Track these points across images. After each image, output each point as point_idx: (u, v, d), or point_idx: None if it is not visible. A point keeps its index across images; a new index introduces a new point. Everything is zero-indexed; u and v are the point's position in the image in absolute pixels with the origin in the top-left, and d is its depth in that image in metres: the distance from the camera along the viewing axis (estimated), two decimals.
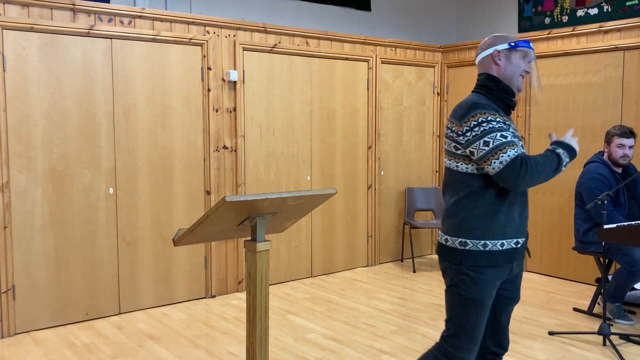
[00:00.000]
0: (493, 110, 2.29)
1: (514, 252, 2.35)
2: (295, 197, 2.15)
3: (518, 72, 2.40)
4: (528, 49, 2.40)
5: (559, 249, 5.66)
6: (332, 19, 6.10)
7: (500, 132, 2.23)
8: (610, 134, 4.39)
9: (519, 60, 2.40)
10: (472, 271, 2.30)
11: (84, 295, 4.47)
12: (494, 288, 2.33)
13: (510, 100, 2.40)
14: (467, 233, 2.31)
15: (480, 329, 2.34)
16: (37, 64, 4.18)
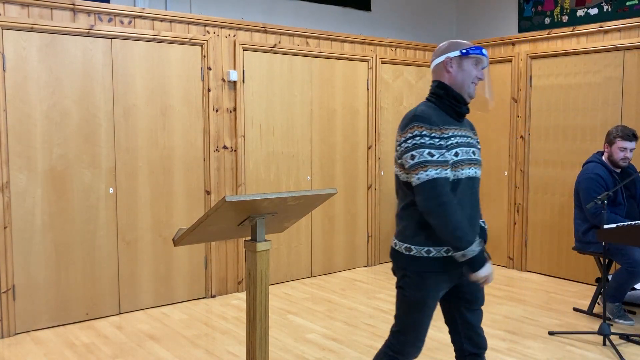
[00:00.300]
0: (434, 124, 2.30)
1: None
2: (295, 197, 2.15)
3: (470, 80, 2.40)
4: (480, 55, 2.39)
5: (559, 249, 5.66)
6: (332, 19, 6.10)
7: (429, 149, 2.26)
8: (613, 136, 4.36)
9: (470, 67, 2.39)
10: (417, 275, 2.36)
11: (84, 295, 4.47)
12: (438, 291, 2.38)
13: (460, 108, 2.41)
14: (411, 239, 2.37)
15: (424, 327, 2.43)
16: (37, 64, 4.18)
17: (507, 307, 4.80)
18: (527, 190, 5.90)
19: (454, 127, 2.38)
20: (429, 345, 3.95)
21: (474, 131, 2.55)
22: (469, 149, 2.38)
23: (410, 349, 2.45)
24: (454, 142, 2.32)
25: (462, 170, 2.33)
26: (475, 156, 2.42)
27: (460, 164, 2.33)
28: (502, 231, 6.13)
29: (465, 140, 2.38)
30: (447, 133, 2.32)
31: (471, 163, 2.38)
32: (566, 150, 5.57)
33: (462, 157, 2.33)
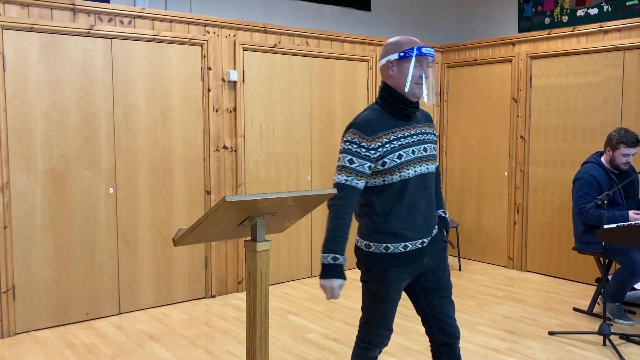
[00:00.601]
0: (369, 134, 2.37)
1: (420, 251, 2.48)
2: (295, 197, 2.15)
3: (412, 81, 2.41)
4: (419, 56, 2.40)
5: (559, 249, 5.66)
6: (332, 19, 6.10)
7: (353, 156, 2.37)
8: (616, 141, 4.30)
9: (409, 68, 2.40)
10: (378, 270, 2.46)
11: (84, 295, 4.47)
12: (399, 283, 2.47)
13: (405, 110, 2.44)
14: (369, 237, 2.47)
15: (389, 317, 2.52)
16: (37, 64, 4.18)
17: (507, 307, 4.80)
18: (527, 190, 5.90)
19: (400, 128, 2.44)
20: (429, 345, 3.95)
21: (429, 123, 2.60)
22: (418, 146, 2.46)
23: (378, 338, 2.56)
24: (397, 145, 2.40)
25: (407, 170, 2.41)
26: (428, 152, 2.49)
27: (405, 164, 2.41)
28: (502, 231, 6.13)
29: (412, 139, 2.45)
30: (381, 141, 2.38)
31: (421, 160, 2.46)
32: (566, 150, 5.57)
33: (408, 158, 2.41)
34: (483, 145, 6.28)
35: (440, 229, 2.62)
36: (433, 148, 2.53)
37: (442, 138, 6.67)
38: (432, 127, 2.59)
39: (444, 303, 2.55)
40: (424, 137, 2.50)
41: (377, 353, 2.61)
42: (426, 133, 2.52)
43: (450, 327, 2.55)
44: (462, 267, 6.14)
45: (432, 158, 2.52)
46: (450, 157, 6.62)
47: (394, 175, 2.40)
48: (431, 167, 2.50)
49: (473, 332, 4.21)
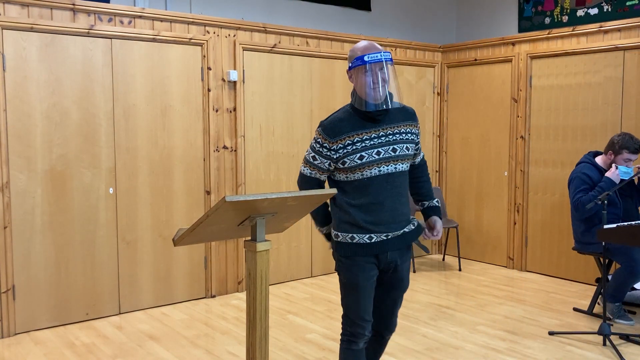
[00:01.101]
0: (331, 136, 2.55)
1: (385, 244, 2.60)
2: (295, 197, 2.15)
3: (366, 88, 2.51)
4: (363, 65, 2.50)
5: (559, 249, 5.66)
6: (332, 19, 6.10)
7: (314, 153, 2.61)
8: (619, 146, 4.29)
9: (363, 76, 2.52)
10: (346, 259, 2.62)
11: (84, 295, 4.47)
12: (367, 272, 2.60)
13: (369, 113, 2.56)
14: (337, 227, 2.64)
15: (363, 307, 2.61)
16: (37, 64, 4.18)
17: (507, 307, 4.80)
18: (527, 190, 5.90)
19: (367, 130, 2.56)
20: (429, 345, 3.95)
21: (409, 121, 2.67)
22: (386, 147, 2.57)
23: (356, 329, 2.63)
24: (359, 147, 2.54)
25: (370, 170, 2.54)
26: (397, 153, 2.59)
27: (367, 165, 2.54)
28: (502, 231, 6.13)
29: (380, 141, 2.56)
30: (343, 142, 2.54)
31: (388, 160, 2.57)
32: (566, 150, 5.57)
33: (370, 159, 2.54)
34: (483, 145, 6.28)
35: (417, 230, 2.73)
36: (405, 148, 2.62)
37: (442, 138, 6.67)
38: (411, 124, 2.67)
39: (394, 301, 2.74)
40: (395, 138, 2.60)
41: (362, 345, 2.68)
42: (399, 133, 2.61)
43: (389, 320, 2.77)
44: (462, 267, 6.14)
45: (403, 158, 2.61)
46: (450, 157, 6.62)
47: (356, 174, 2.55)
48: (401, 167, 2.62)
49: (473, 332, 4.21)
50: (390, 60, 2.53)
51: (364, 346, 2.69)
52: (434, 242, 6.79)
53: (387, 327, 2.79)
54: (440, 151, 6.69)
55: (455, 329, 4.27)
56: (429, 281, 5.61)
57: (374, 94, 2.51)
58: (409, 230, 2.68)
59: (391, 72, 2.56)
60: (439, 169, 6.71)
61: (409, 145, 2.64)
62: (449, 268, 6.13)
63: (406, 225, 2.66)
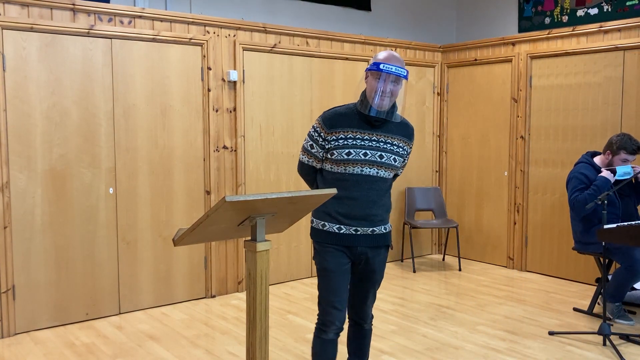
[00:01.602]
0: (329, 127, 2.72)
1: (354, 237, 2.73)
2: (295, 197, 2.15)
3: (375, 92, 2.66)
4: (377, 71, 2.65)
5: (559, 249, 5.66)
6: (332, 19, 6.10)
7: (312, 142, 2.78)
8: (617, 147, 4.29)
9: (374, 81, 2.67)
10: (318, 244, 2.79)
11: (84, 295, 4.47)
12: (337, 259, 2.74)
13: (367, 117, 2.70)
14: (314, 213, 2.81)
15: (332, 295, 2.73)
16: (37, 64, 4.18)
17: (507, 307, 4.80)
18: (527, 190, 5.90)
19: (362, 131, 2.71)
20: (429, 345, 3.95)
21: (405, 138, 2.80)
22: (374, 151, 2.70)
23: (326, 316, 2.75)
24: (349, 143, 2.69)
25: (353, 167, 2.69)
26: (383, 160, 2.71)
27: (351, 162, 2.69)
28: (502, 231, 6.13)
29: (370, 144, 2.71)
30: (337, 135, 2.70)
31: (372, 164, 2.70)
32: (566, 150, 5.57)
33: (356, 158, 2.69)
34: (483, 145, 6.28)
35: (390, 235, 2.85)
36: (392, 159, 2.74)
37: (442, 138, 6.67)
38: (405, 142, 2.81)
39: (365, 293, 2.86)
40: (386, 146, 2.73)
41: (332, 336, 2.77)
42: (392, 144, 2.75)
43: (364, 312, 2.90)
44: (462, 267, 6.14)
45: (387, 166, 2.74)
46: (450, 157, 6.62)
47: (340, 167, 2.71)
48: (383, 174, 2.73)
49: (473, 332, 4.21)
50: (404, 77, 2.67)
51: (334, 337, 2.78)
52: (434, 242, 6.79)
53: (361, 317, 2.92)
54: (440, 151, 6.69)
55: (455, 329, 4.27)
56: (429, 281, 5.61)
57: (379, 101, 2.65)
58: (380, 232, 2.78)
59: (402, 88, 2.71)
60: (439, 169, 6.71)
61: (397, 157, 2.77)
62: (449, 268, 6.13)
63: (377, 225, 2.77)
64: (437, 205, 6.41)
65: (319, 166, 2.82)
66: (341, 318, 2.75)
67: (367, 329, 2.97)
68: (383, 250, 2.85)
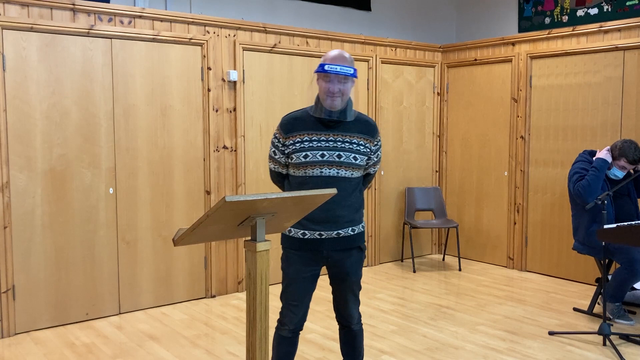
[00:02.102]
0: (285, 132, 2.75)
1: (318, 241, 2.75)
2: (295, 197, 2.15)
3: (324, 94, 2.69)
4: (322, 72, 2.66)
5: (559, 249, 5.66)
6: (332, 19, 6.10)
7: (274, 148, 2.82)
8: (619, 153, 4.26)
9: (323, 83, 2.69)
10: (283, 250, 2.84)
11: (84, 295, 4.47)
12: (301, 266, 2.77)
13: (321, 118, 2.72)
14: None
15: (291, 297, 2.79)
16: (37, 64, 4.18)
17: (507, 307, 4.80)
18: (527, 190, 5.90)
19: (318, 132, 2.72)
20: (429, 345, 3.95)
21: (366, 135, 2.78)
22: (331, 152, 2.70)
23: (283, 317, 2.83)
24: (306, 146, 2.71)
25: (313, 169, 2.71)
26: (342, 159, 2.71)
27: (310, 164, 2.71)
28: (502, 231, 6.13)
29: (327, 144, 2.71)
30: (294, 139, 2.73)
31: (331, 164, 2.71)
32: (566, 150, 5.57)
33: (313, 160, 2.70)
34: (483, 145, 6.28)
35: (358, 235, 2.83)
36: (352, 157, 2.73)
37: (442, 138, 6.67)
38: (367, 139, 2.79)
39: (347, 294, 2.86)
40: (344, 146, 2.72)
41: (287, 334, 2.83)
42: (350, 142, 2.74)
43: (347, 314, 2.90)
44: (462, 267, 6.14)
45: (347, 165, 2.72)
46: (450, 157, 6.62)
47: (300, 170, 2.73)
48: (345, 173, 2.73)
49: (473, 332, 4.21)
50: (351, 75, 2.67)
51: (290, 336, 2.84)
52: (434, 242, 6.79)
53: (346, 319, 2.92)
54: (440, 151, 6.69)
55: (455, 329, 4.27)
56: (429, 281, 5.61)
57: (331, 102, 2.67)
58: (346, 234, 2.78)
59: (352, 86, 2.73)
60: (439, 169, 6.71)
61: (358, 156, 2.75)
62: (449, 268, 6.13)
63: (343, 228, 2.76)
64: (437, 205, 6.41)
65: (285, 171, 2.85)
66: (295, 321, 2.81)
67: (356, 329, 2.96)
68: (355, 252, 2.83)
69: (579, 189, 4.27)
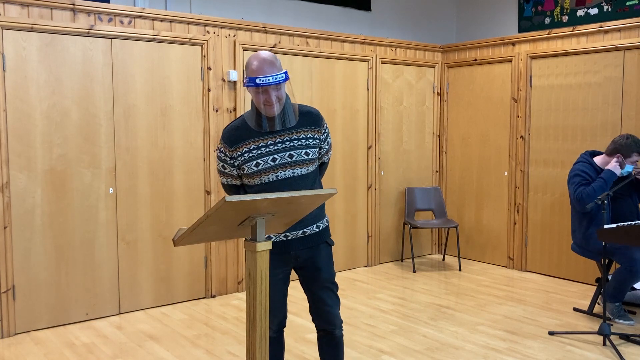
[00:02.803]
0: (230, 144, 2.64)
1: (285, 243, 2.71)
2: (295, 197, 2.15)
3: (261, 105, 2.57)
4: (254, 86, 2.52)
5: (559, 249, 5.66)
6: (332, 19, 6.10)
7: (223, 162, 2.71)
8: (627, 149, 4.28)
9: (257, 95, 2.57)
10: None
11: (84, 295, 4.47)
12: (271, 269, 2.73)
13: (261, 125, 2.62)
14: None
15: (272, 302, 2.78)
16: (37, 64, 4.18)
17: (507, 307, 4.80)
18: (527, 190, 5.90)
19: (262, 137, 2.63)
20: (429, 345, 3.95)
21: (311, 126, 2.70)
22: (282, 153, 2.62)
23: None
24: (255, 154, 2.62)
25: (267, 175, 2.63)
26: (294, 158, 2.64)
27: (263, 171, 2.62)
28: (502, 231, 6.13)
29: (275, 148, 2.63)
30: (241, 150, 2.63)
31: (285, 166, 2.63)
32: (566, 150, 5.57)
33: (266, 166, 2.62)
34: (483, 145, 6.28)
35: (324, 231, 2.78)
36: (304, 153, 2.66)
37: (442, 138, 6.67)
38: (314, 130, 2.70)
39: (322, 292, 2.78)
40: (293, 144, 2.64)
41: (272, 334, 2.81)
42: (298, 139, 2.65)
43: (329, 315, 2.78)
44: (462, 267, 6.14)
45: (301, 163, 2.65)
46: (450, 157, 6.62)
47: (255, 179, 2.65)
48: (300, 171, 2.66)
49: (473, 332, 4.21)
50: (284, 80, 2.55)
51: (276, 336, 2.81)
52: (434, 242, 6.79)
53: (328, 322, 2.79)
54: (440, 151, 6.69)
55: (455, 329, 4.27)
56: (429, 281, 5.61)
57: (268, 110, 2.57)
58: (311, 232, 2.72)
59: (285, 90, 2.63)
60: (439, 169, 6.71)
61: (310, 150, 2.68)
62: (449, 268, 6.13)
63: (308, 225, 2.70)
64: (437, 205, 6.41)
65: (239, 182, 2.75)
66: (277, 322, 2.80)
67: (339, 335, 2.82)
68: (323, 247, 2.77)
69: (582, 195, 4.26)
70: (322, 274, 2.78)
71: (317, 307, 2.80)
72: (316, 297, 2.80)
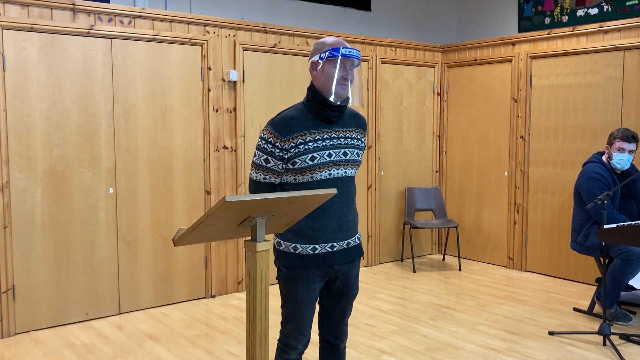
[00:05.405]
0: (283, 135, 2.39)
1: (331, 255, 2.48)
2: (294, 197, 2.15)
3: (332, 82, 2.40)
4: (337, 57, 2.37)
5: (559, 249, 5.66)
6: (332, 19, 6.10)
7: (266, 155, 2.43)
8: (613, 136, 4.37)
9: (332, 69, 2.40)
10: (287, 269, 2.48)
11: (84, 295, 4.47)
12: (309, 285, 2.47)
13: (326, 112, 2.43)
14: (281, 235, 2.50)
15: (302, 320, 2.50)
16: (37, 64, 4.18)
17: (507, 307, 4.80)
18: (527, 190, 5.90)
19: (320, 130, 2.44)
20: (429, 345, 3.95)
21: (360, 128, 2.58)
22: (337, 150, 2.46)
23: (292, 341, 2.53)
24: (311, 147, 2.41)
25: (320, 172, 2.42)
26: (348, 157, 2.48)
27: (317, 167, 2.41)
28: (502, 231, 6.13)
29: (332, 143, 2.45)
30: (295, 141, 2.40)
31: (339, 164, 2.46)
32: (566, 150, 5.57)
33: (321, 161, 2.42)
34: (483, 145, 6.28)
35: (360, 245, 2.61)
36: (356, 154, 2.52)
37: (442, 138, 6.68)
38: (361, 132, 2.58)
39: (343, 309, 2.61)
40: (347, 142, 2.49)
41: (294, 357, 2.56)
42: (351, 138, 2.51)
43: (340, 331, 2.64)
44: (462, 267, 6.14)
45: (353, 163, 2.51)
46: (450, 157, 6.62)
47: (305, 176, 2.43)
48: (350, 172, 2.51)
49: (473, 332, 4.21)
50: (359, 60, 2.45)
51: (297, 357, 2.57)
52: (434, 242, 6.79)
53: (337, 336, 2.65)
54: (440, 151, 6.69)
55: (455, 329, 4.27)
56: (429, 281, 5.61)
57: (341, 90, 2.41)
58: (354, 244, 2.56)
59: (358, 73, 2.50)
60: (439, 169, 6.71)
61: (359, 151, 2.55)
62: (449, 268, 6.13)
63: (353, 235, 2.55)
64: (437, 205, 6.41)
65: (278, 181, 2.49)
66: (305, 343, 2.55)
67: (343, 348, 2.70)
68: (357, 262, 2.60)
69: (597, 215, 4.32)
70: (352, 290, 2.60)
71: (332, 320, 2.62)
72: (339, 311, 2.61)
